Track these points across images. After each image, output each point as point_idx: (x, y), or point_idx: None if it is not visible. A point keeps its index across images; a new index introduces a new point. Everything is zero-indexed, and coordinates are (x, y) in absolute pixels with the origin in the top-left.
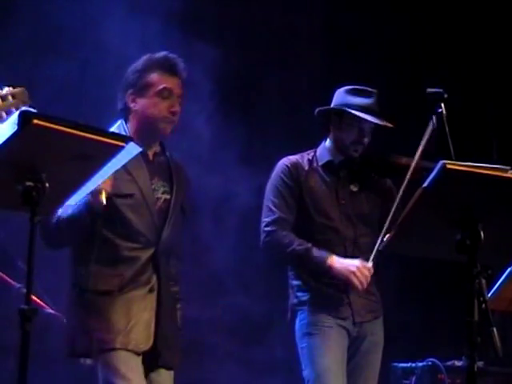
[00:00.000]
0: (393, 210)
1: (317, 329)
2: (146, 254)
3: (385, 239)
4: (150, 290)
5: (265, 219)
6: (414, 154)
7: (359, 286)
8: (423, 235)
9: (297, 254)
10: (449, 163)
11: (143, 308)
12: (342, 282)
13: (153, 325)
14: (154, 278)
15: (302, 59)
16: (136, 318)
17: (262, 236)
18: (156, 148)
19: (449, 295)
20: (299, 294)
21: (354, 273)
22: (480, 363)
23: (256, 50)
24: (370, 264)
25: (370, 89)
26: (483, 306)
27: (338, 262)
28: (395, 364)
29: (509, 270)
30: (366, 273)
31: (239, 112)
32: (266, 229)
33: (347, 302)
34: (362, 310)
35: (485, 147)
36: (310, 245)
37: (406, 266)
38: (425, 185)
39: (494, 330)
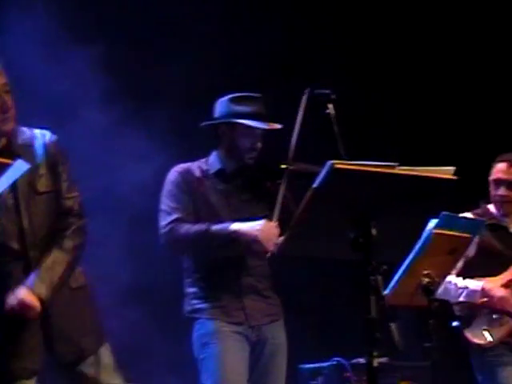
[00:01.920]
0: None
1: (214, 338)
2: (17, 263)
3: (278, 242)
4: None
5: (162, 223)
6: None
7: (267, 244)
8: (318, 236)
9: (199, 234)
10: (337, 163)
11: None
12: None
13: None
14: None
15: (199, 55)
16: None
17: (162, 238)
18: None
19: (351, 293)
20: (194, 301)
21: (260, 230)
22: (384, 359)
23: (152, 46)
24: (274, 223)
25: (254, 94)
26: (380, 302)
27: (241, 224)
28: (301, 365)
29: (405, 264)
30: (273, 230)
31: (133, 110)
32: (164, 230)
33: (241, 307)
34: (258, 314)
35: (382, 146)
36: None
37: (306, 266)
38: (315, 185)
39: (393, 325)
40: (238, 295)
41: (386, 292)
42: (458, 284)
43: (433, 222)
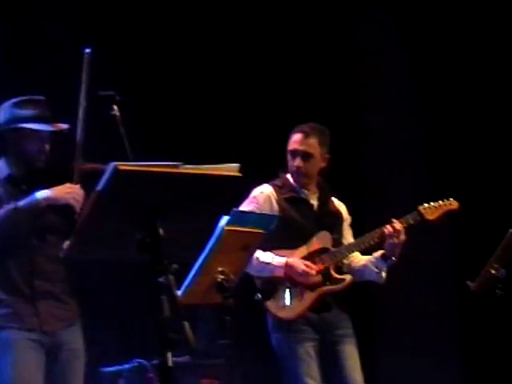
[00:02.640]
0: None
1: (7, 348)
2: None
3: (65, 246)
4: None
5: None
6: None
7: (77, 203)
8: (106, 238)
9: (8, 211)
10: (120, 164)
11: None
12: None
13: None
14: None
15: None
16: None
17: None
18: None
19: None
20: None
21: (69, 193)
22: (185, 358)
23: None
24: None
25: (37, 97)
26: (173, 301)
27: (48, 191)
28: (102, 369)
29: (199, 263)
30: (78, 191)
31: None
32: None
33: (34, 313)
34: (51, 319)
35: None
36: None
37: (102, 268)
38: (98, 188)
39: (186, 324)
40: (31, 300)
41: (179, 291)
42: (260, 258)
43: (224, 219)
